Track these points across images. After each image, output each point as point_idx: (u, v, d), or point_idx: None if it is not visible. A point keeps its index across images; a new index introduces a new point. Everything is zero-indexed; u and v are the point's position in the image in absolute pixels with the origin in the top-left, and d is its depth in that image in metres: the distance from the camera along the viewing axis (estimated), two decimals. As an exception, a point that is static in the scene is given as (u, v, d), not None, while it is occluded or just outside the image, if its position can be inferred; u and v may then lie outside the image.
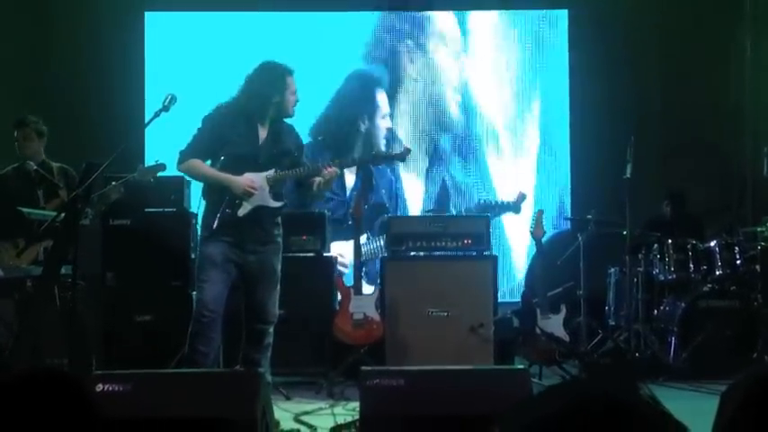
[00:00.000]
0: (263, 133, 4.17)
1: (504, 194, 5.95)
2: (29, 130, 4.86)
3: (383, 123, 6.92)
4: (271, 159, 4.14)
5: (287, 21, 6.95)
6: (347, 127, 6.86)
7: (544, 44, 7.05)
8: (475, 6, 7.08)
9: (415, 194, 6.91)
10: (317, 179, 4.11)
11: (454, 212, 6.40)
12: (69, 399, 1.33)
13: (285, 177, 4.15)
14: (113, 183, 4.53)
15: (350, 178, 6.72)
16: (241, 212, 4.06)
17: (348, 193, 6.71)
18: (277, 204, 4.16)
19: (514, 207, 5.64)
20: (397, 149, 4.50)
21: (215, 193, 4.11)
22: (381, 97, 6.96)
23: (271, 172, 4.11)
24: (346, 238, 5.65)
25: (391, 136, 6.88)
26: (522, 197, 5.65)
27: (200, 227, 4.25)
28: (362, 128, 6.88)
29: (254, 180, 4.06)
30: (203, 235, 4.18)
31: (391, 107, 6.96)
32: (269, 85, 4.12)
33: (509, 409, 1.13)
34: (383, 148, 6.66)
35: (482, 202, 5.73)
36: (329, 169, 4.10)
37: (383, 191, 6.71)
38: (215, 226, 4.03)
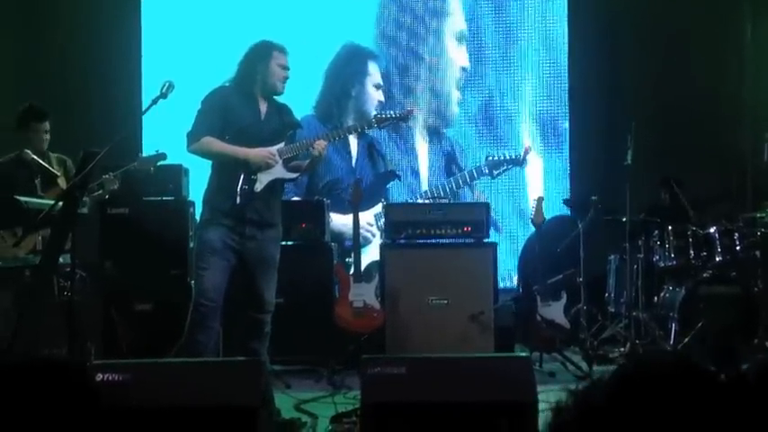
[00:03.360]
0: (263, 108, 4.17)
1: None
2: (48, 123, 4.80)
3: (374, 92, 6.90)
4: (275, 133, 4.13)
5: (284, 4, 6.91)
6: (338, 93, 6.87)
7: (544, 28, 7.01)
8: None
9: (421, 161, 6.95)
10: (313, 153, 4.10)
11: (465, 173, 6.46)
12: (70, 387, 1.32)
13: (295, 150, 4.13)
14: (111, 173, 4.50)
15: (355, 145, 6.76)
16: (258, 187, 4.04)
17: (354, 161, 6.74)
18: (292, 176, 4.16)
19: (521, 161, 5.71)
20: (396, 111, 4.51)
21: (227, 171, 4.06)
22: (373, 68, 6.94)
23: (281, 145, 4.09)
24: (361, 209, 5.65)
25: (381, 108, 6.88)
26: (527, 150, 5.72)
27: (205, 208, 4.18)
28: (353, 92, 6.88)
29: (272, 150, 4.05)
30: (204, 218, 4.15)
31: (392, 84, 6.96)
32: (255, 57, 4.15)
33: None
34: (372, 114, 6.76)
35: (490, 158, 5.79)
36: (317, 142, 4.08)
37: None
38: (238, 202, 3.99)
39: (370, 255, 5.68)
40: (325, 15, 6.92)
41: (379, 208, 6.11)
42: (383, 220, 5.46)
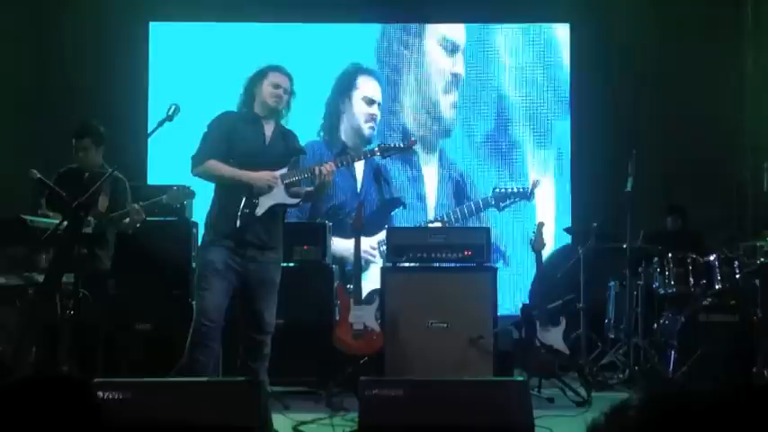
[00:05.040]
0: (268, 133, 4.21)
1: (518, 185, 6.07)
2: (87, 141, 4.83)
3: (362, 106, 6.96)
4: (279, 158, 4.17)
5: (289, 32, 7.01)
6: (332, 110, 6.97)
7: (546, 57, 7.10)
8: (478, 20, 7.13)
9: (430, 189, 6.99)
10: (318, 179, 4.12)
11: (471, 203, 6.49)
12: (74, 403, 1.34)
13: (298, 175, 4.16)
14: (140, 203, 4.54)
15: (359, 172, 6.81)
16: (259, 211, 4.07)
17: (359, 186, 6.78)
18: (293, 201, 4.19)
19: (528, 194, 5.70)
20: (400, 141, 4.55)
21: (230, 194, 4.11)
22: (364, 82, 7.01)
23: (284, 170, 4.13)
24: (365, 235, 5.69)
25: (375, 125, 6.96)
26: (535, 184, 5.72)
27: (207, 230, 4.22)
28: (342, 108, 6.96)
29: (275, 174, 4.09)
30: (205, 240, 4.18)
31: (396, 109, 7.03)
32: (251, 80, 4.22)
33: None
34: (366, 132, 6.83)
35: (497, 190, 5.79)
36: (325, 166, 4.11)
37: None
38: (238, 225, 4.02)
39: (371, 281, 5.70)
40: (333, 42, 7.02)
41: (382, 235, 6.15)
42: (385, 246, 5.48)
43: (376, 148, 4.42)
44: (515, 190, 5.78)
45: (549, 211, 6.88)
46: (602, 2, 7.01)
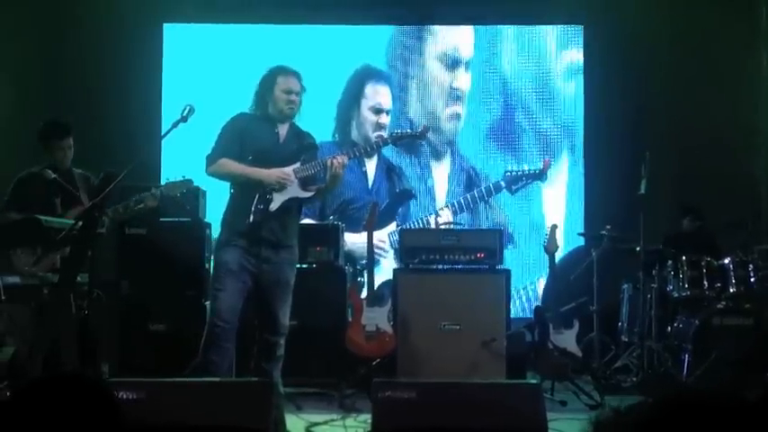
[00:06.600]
0: (282, 132, 4.24)
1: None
2: (71, 140, 4.81)
3: (370, 115, 6.92)
4: (293, 155, 4.20)
5: (302, 33, 7.02)
6: (342, 118, 6.96)
7: (559, 59, 7.07)
8: (491, 21, 7.12)
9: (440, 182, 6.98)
10: (329, 172, 4.13)
11: (482, 188, 6.46)
12: (94, 403, 1.35)
13: (311, 169, 4.17)
14: (144, 193, 4.53)
15: (371, 168, 6.81)
16: (273, 207, 4.09)
17: (371, 183, 6.78)
18: (308, 194, 4.20)
19: (541, 175, 5.65)
20: (411, 128, 4.55)
21: (244, 192, 4.13)
22: (373, 89, 6.98)
23: (297, 164, 4.15)
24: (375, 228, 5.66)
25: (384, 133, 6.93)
26: (548, 164, 5.67)
27: (223, 229, 4.24)
28: (353, 118, 6.95)
29: (286, 171, 4.11)
30: (221, 239, 4.20)
31: (403, 112, 7.02)
32: (262, 86, 4.24)
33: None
34: (374, 140, 6.82)
35: (508, 173, 5.73)
36: (337, 158, 4.12)
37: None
38: (250, 221, 4.05)
39: (382, 274, 5.70)
40: (346, 43, 7.01)
41: (392, 227, 6.14)
42: (396, 237, 5.47)
43: (387, 137, 4.43)
44: (528, 171, 5.73)
45: (560, 212, 6.86)
46: (615, 3, 6.98)
